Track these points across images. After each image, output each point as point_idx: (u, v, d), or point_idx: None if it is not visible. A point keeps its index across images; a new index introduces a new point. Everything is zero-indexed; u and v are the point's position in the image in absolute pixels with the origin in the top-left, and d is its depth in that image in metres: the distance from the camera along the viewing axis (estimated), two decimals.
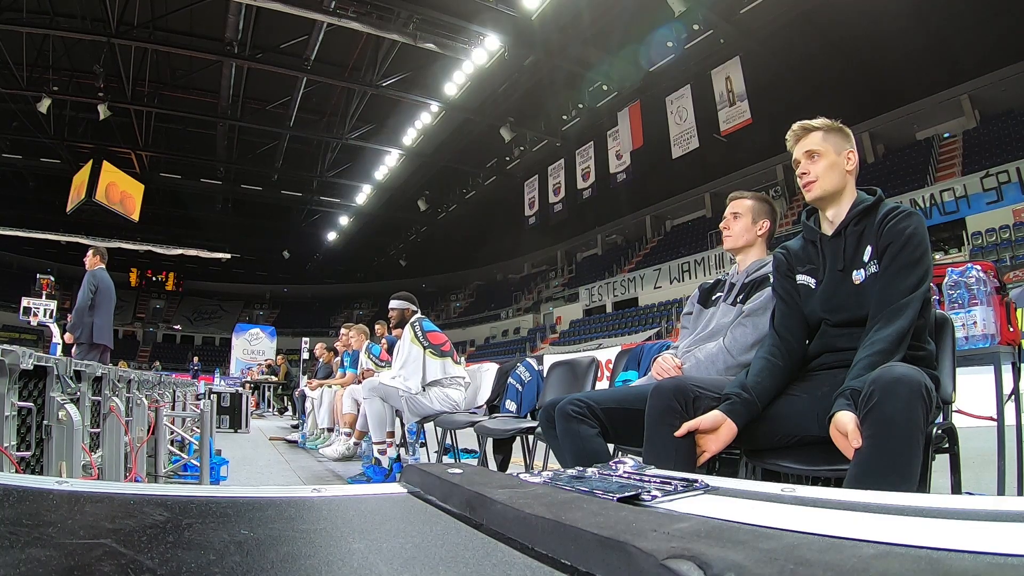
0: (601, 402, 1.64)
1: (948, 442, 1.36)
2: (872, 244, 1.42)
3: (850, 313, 1.44)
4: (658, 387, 1.48)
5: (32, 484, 0.54)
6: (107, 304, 5.04)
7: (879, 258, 1.40)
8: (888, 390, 1.12)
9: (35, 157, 19.95)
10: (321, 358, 8.06)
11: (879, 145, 16.77)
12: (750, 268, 1.93)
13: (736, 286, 1.93)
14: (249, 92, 16.41)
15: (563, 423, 1.61)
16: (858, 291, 1.43)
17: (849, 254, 1.46)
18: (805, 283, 1.55)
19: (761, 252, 1.97)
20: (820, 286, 1.51)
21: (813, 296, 1.52)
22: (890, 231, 1.39)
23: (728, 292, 1.95)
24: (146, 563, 0.35)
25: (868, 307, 1.40)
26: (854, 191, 1.51)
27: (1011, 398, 1.98)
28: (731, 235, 1.98)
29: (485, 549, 0.43)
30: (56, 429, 1.63)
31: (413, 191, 22.12)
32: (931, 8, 12.67)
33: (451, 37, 13.37)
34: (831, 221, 1.52)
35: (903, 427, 1.10)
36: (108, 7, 12.54)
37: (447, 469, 0.61)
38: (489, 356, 19.91)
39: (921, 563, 0.29)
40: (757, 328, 1.76)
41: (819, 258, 1.52)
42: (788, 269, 1.59)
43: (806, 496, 0.49)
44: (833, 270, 1.48)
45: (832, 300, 1.47)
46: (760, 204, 1.98)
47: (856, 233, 1.46)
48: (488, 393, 3.45)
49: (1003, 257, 11.91)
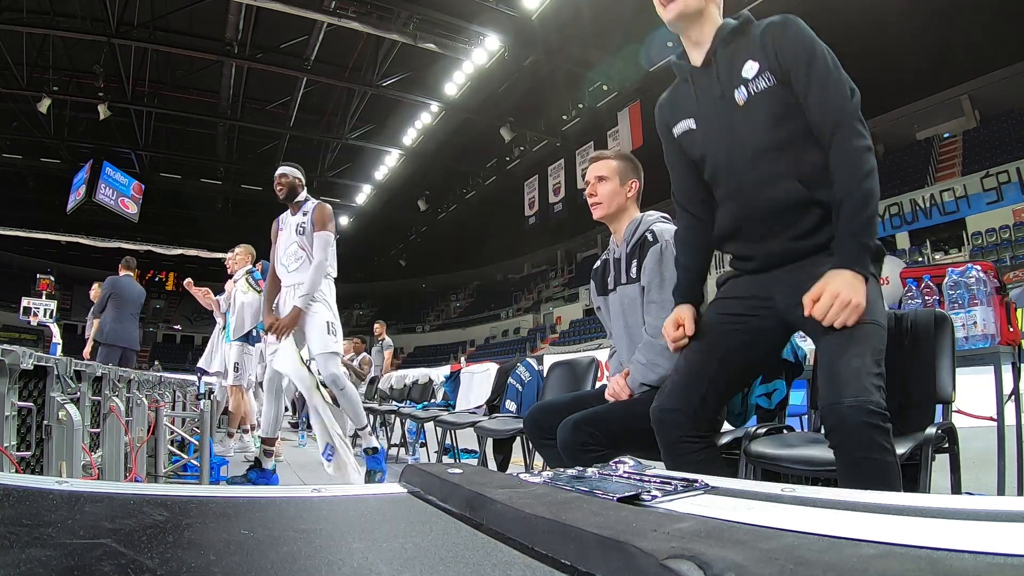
0: (598, 427, 1.58)
1: (948, 442, 1.37)
2: (756, 59, 1.27)
3: (738, 144, 1.29)
4: (659, 424, 1.40)
5: (32, 484, 0.54)
6: (120, 307, 5.43)
7: (774, 74, 1.26)
8: (845, 435, 1.11)
9: (35, 157, 19.93)
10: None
11: (879, 145, 16.74)
12: (627, 235, 1.80)
13: (622, 260, 1.80)
14: (249, 92, 16.40)
15: (570, 458, 1.54)
16: (746, 113, 1.28)
17: (724, 76, 1.32)
18: (686, 129, 1.41)
19: (634, 213, 1.82)
20: (700, 124, 1.37)
21: (695, 138, 1.37)
22: (783, 40, 1.25)
23: (617, 270, 1.82)
24: (146, 563, 0.35)
25: (762, 131, 1.27)
26: (717, 17, 1.37)
27: (1011, 398, 1.98)
28: (600, 201, 1.80)
29: (485, 549, 0.43)
30: (56, 429, 1.63)
31: (413, 191, 22.11)
32: (931, 8, 12.67)
33: (451, 37, 13.37)
34: (698, 45, 1.38)
35: (868, 467, 1.10)
36: (108, 7, 12.54)
37: (447, 469, 0.61)
38: (489, 356, 19.90)
39: (921, 563, 0.29)
40: (665, 304, 1.63)
41: (694, 94, 1.39)
42: (667, 128, 1.46)
43: (806, 496, 0.49)
44: (711, 99, 1.35)
45: (714, 133, 1.34)
46: (626, 163, 1.82)
47: (728, 54, 1.33)
48: (488, 393, 3.45)
49: (1003, 257, 11.91)
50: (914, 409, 1.53)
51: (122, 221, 17.49)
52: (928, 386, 1.50)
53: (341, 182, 21.53)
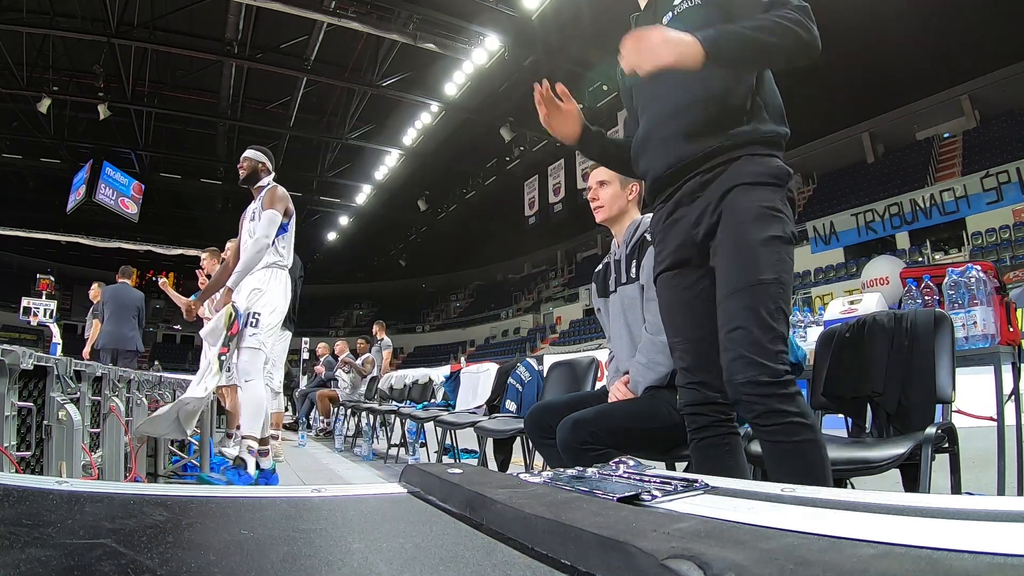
0: (598, 426, 1.56)
1: (948, 442, 1.36)
2: None
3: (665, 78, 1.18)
4: (695, 416, 1.34)
5: (32, 484, 0.54)
6: (114, 313, 5.81)
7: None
8: (749, 413, 1.11)
9: (35, 157, 19.92)
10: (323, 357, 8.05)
11: (879, 145, 16.78)
12: (626, 236, 1.82)
13: (622, 261, 1.82)
14: (249, 92, 16.40)
15: (570, 457, 1.53)
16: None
17: (661, 8, 1.34)
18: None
19: (634, 214, 1.85)
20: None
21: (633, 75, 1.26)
22: None
23: (618, 272, 1.84)
24: (146, 563, 0.35)
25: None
26: None
27: (1011, 398, 1.98)
28: (602, 205, 1.83)
29: (485, 549, 0.43)
30: (56, 429, 1.63)
31: (413, 191, 22.10)
32: (931, 8, 12.67)
33: (451, 37, 13.37)
34: None
35: (785, 452, 1.10)
36: (108, 7, 12.54)
37: (447, 469, 0.61)
38: (489, 356, 19.91)
39: (921, 563, 0.29)
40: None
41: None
42: (622, 76, 1.43)
43: (806, 496, 0.49)
44: (645, 23, 1.34)
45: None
46: None
47: None
48: (488, 393, 3.45)
49: (1003, 257, 11.92)
50: (914, 409, 1.53)
51: (122, 221, 17.48)
52: (928, 386, 1.50)
53: (341, 182, 21.53)
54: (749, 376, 1.11)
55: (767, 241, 1.17)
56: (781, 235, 1.18)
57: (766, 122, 1.26)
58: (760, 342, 1.12)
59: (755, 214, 1.18)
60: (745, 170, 1.22)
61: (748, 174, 1.21)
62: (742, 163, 1.22)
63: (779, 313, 1.15)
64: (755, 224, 1.18)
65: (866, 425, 1.69)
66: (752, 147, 1.23)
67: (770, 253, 1.17)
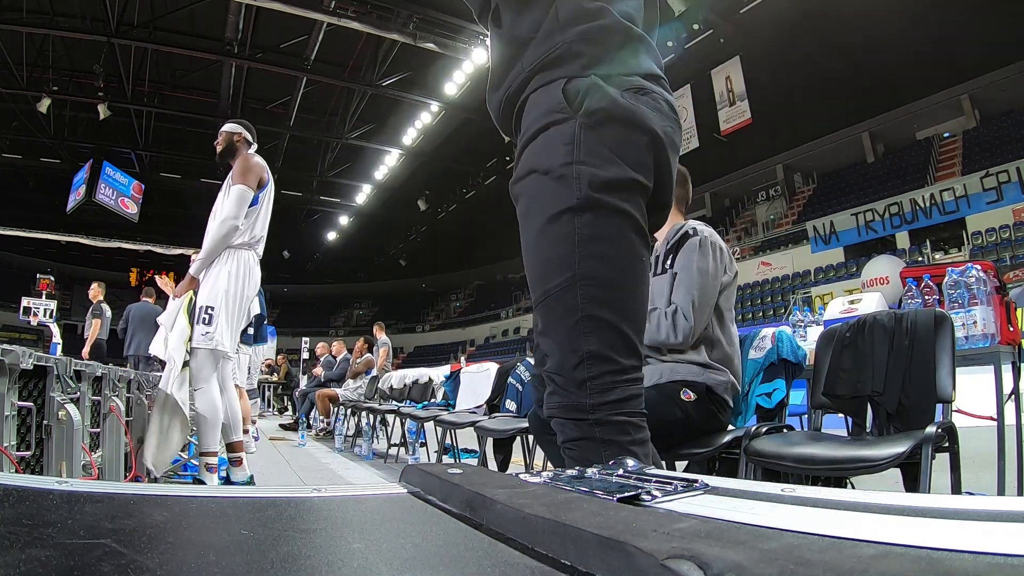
0: None
1: (948, 441, 1.37)
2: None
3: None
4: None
5: (32, 484, 0.54)
6: (136, 326, 6.73)
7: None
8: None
9: (35, 157, 19.93)
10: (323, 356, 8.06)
11: (879, 145, 16.78)
12: (668, 235, 1.89)
13: (660, 256, 1.90)
14: (249, 92, 16.40)
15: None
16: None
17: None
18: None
19: (677, 219, 1.93)
20: None
21: None
22: None
23: (655, 264, 1.90)
24: (146, 563, 0.35)
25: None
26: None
27: (1011, 398, 1.98)
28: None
29: (485, 549, 0.43)
30: (56, 429, 1.63)
31: (413, 191, 22.10)
32: (931, 9, 12.67)
33: (451, 37, 13.36)
34: None
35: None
36: (108, 7, 12.54)
37: (447, 469, 0.61)
38: (489, 356, 19.90)
39: (921, 563, 0.29)
40: (691, 285, 1.72)
41: None
42: None
43: (806, 496, 0.49)
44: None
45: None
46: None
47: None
48: (488, 393, 3.45)
49: (1003, 257, 11.92)
50: (914, 408, 1.53)
51: (122, 221, 17.45)
52: (928, 385, 1.50)
53: (341, 182, 21.53)
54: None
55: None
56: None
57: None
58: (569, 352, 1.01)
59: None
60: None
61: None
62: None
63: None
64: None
65: (866, 425, 1.70)
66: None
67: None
